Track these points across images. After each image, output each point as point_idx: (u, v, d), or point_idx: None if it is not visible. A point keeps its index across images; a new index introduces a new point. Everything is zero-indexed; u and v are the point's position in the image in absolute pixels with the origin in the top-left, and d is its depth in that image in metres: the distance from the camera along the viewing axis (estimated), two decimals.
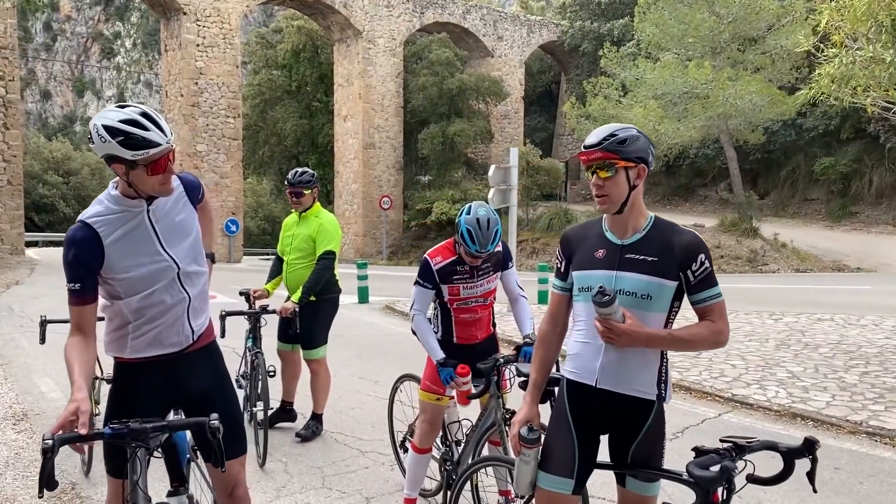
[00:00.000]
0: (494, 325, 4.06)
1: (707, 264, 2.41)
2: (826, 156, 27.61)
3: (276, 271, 5.58)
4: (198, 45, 27.36)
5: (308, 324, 5.30)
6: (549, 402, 2.76)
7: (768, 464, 2.29)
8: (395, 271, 24.03)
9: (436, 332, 3.90)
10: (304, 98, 37.49)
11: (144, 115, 2.42)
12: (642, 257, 2.44)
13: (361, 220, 32.00)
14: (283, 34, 38.08)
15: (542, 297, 12.53)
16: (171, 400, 2.76)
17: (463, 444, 3.90)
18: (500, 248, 3.85)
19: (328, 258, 5.24)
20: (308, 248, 5.31)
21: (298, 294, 5.17)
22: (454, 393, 3.91)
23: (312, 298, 5.23)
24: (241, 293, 5.66)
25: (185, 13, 26.82)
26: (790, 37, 21.13)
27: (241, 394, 5.69)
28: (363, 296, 13.41)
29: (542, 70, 43.38)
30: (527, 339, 3.70)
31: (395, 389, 4.68)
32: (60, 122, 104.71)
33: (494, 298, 3.98)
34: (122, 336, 2.64)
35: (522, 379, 2.94)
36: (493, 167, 10.94)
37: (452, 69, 31.17)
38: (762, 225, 23.73)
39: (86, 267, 2.48)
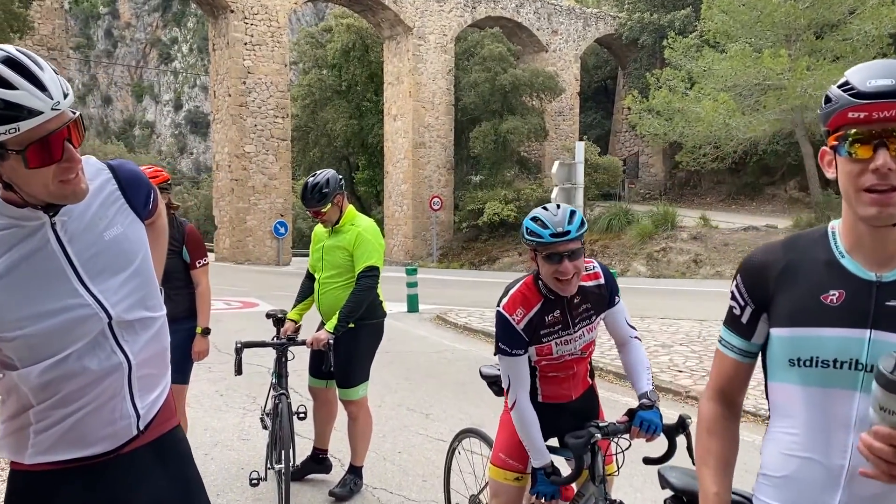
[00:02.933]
0: (593, 376, 2.95)
1: None
2: None
3: (305, 292, 4.55)
4: (245, 44, 26.87)
5: (345, 357, 4.25)
6: None
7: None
8: (445, 275, 23.02)
9: None
10: (353, 98, 36.87)
11: (8, 61, 1.40)
12: None
13: (411, 222, 31.09)
14: (333, 33, 37.55)
15: None
16: None
17: None
18: (599, 274, 2.77)
19: (370, 276, 4.19)
20: (344, 265, 4.26)
21: (334, 322, 4.13)
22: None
23: (351, 325, 4.19)
24: (268, 315, 4.67)
25: (232, 11, 26.35)
26: (876, 21, 19.35)
27: (265, 436, 4.73)
28: (413, 304, 12.40)
29: (597, 65, 41.84)
30: (644, 401, 2.62)
31: (453, 449, 3.62)
32: (120, 126, 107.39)
33: (594, 348, 2.88)
34: (19, 429, 1.63)
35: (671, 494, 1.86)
36: (556, 163, 9.81)
37: (505, 64, 30.00)
38: None
39: None
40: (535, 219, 2.58)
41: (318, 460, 4.66)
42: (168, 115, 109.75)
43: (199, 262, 4.14)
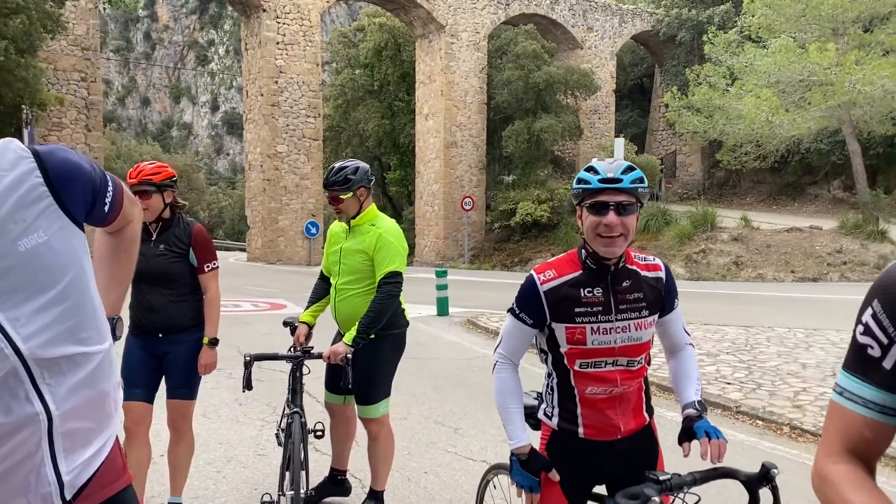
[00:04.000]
0: (651, 412, 2.49)
1: None
2: None
3: (319, 293, 4.16)
4: (278, 43, 26.78)
5: (364, 370, 3.86)
6: None
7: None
8: (476, 276, 22.60)
9: (548, 415, 2.41)
10: (385, 97, 36.65)
11: None
12: None
13: (442, 222, 30.73)
14: (366, 32, 37.36)
15: None
16: None
17: None
18: (660, 267, 2.38)
19: (393, 283, 3.79)
20: (363, 270, 3.86)
21: (353, 333, 3.74)
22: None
23: (371, 336, 3.81)
24: (285, 323, 4.30)
25: (264, 10, 26.28)
26: None
27: (280, 454, 4.37)
28: (442, 308, 12.02)
29: (633, 62, 41.02)
30: (691, 411, 2.26)
31: (485, 484, 3.21)
32: (158, 128, 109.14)
33: (649, 362, 2.44)
34: None
35: None
36: (594, 160, 9.34)
37: (539, 62, 29.45)
38: (890, 227, 20.96)
39: None
40: (588, 168, 2.23)
41: (337, 482, 4.29)
42: (205, 117, 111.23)
43: (208, 266, 3.76)
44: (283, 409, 4.24)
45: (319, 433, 4.23)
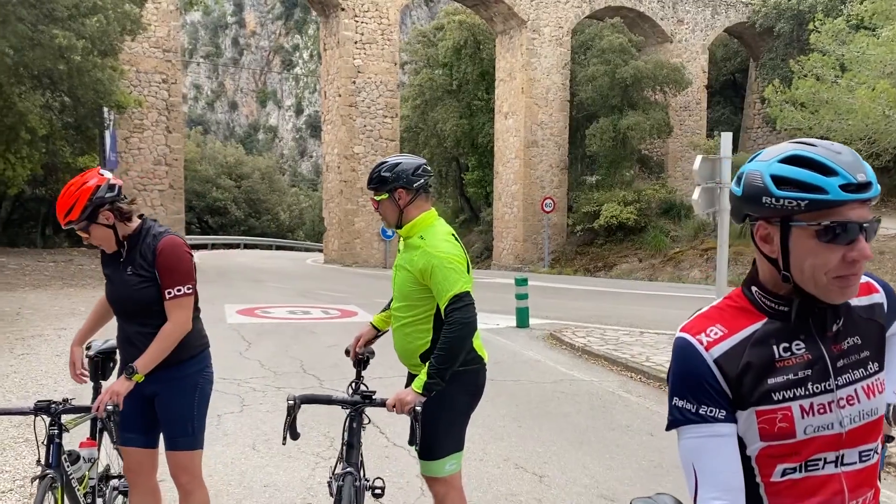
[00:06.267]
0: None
1: None
2: None
3: None
4: (356, 43, 26.45)
5: (428, 418, 2.98)
6: None
7: None
8: (558, 282, 21.49)
9: None
10: (464, 97, 35.95)
11: None
12: None
13: (521, 224, 29.68)
14: (445, 31, 36.77)
15: None
16: None
17: None
18: (875, 287, 1.51)
19: (463, 307, 2.93)
20: (411, 295, 3.07)
21: (423, 378, 2.91)
22: None
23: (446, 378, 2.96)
24: (347, 352, 3.49)
25: (342, 9, 25.98)
26: None
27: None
28: (522, 319, 11.07)
29: (726, 56, 38.86)
30: None
31: None
32: (245, 131, 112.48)
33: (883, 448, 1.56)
34: None
35: None
36: (699, 158, 8.19)
37: (626, 56, 28.03)
38: None
39: None
40: (798, 159, 1.34)
41: None
42: (290, 120, 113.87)
43: (170, 293, 2.90)
44: (335, 463, 3.44)
45: (378, 491, 3.40)
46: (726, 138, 8.50)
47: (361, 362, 3.47)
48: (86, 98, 15.96)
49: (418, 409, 2.83)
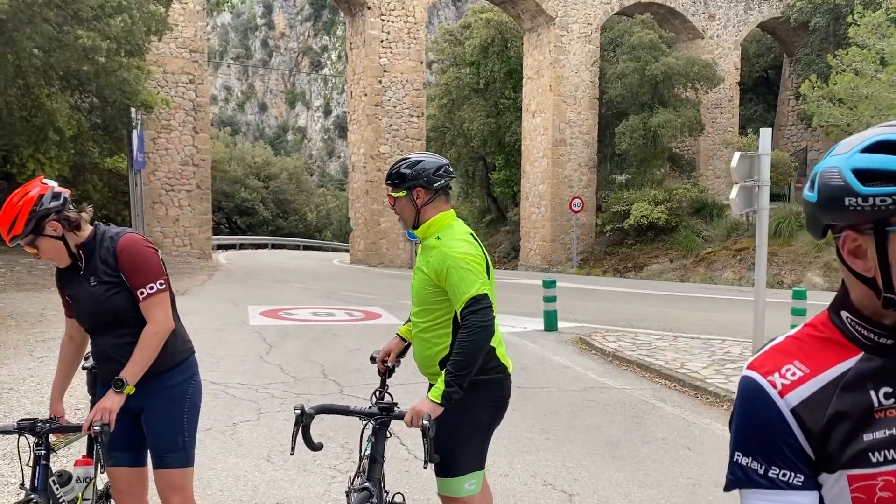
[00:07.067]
0: None
1: None
2: None
3: None
4: (381, 41, 26.27)
5: (444, 431, 2.75)
6: None
7: None
8: (586, 283, 21.08)
9: None
10: (491, 96, 35.60)
11: None
12: None
13: (549, 224, 29.26)
14: (472, 29, 36.48)
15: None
16: None
17: None
18: None
19: (479, 310, 2.70)
20: (428, 298, 2.87)
21: (440, 387, 2.67)
22: None
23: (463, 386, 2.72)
24: (372, 359, 3.29)
25: (368, 7, 25.82)
26: None
27: None
28: (550, 322, 10.74)
29: (759, 52, 37.99)
30: None
31: None
32: (275, 132, 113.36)
33: None
34: None
35: None
36: (737, 155, 7.79)
37: (657, 53, 27.44)
38: None
39: None
40: (888, 145, 1.05)
41: None
42: (318, 121, 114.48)
43: (143, 292, 2.68)
44: (353, 476, 3.18)
45: None
46: (765, 134, 8.09)
47: (387, 371, 3.27)
48: (112, 98, 15.97)
49: (426, 422, 2.58)
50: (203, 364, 8.56)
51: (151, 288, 2.68)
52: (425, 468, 2.71)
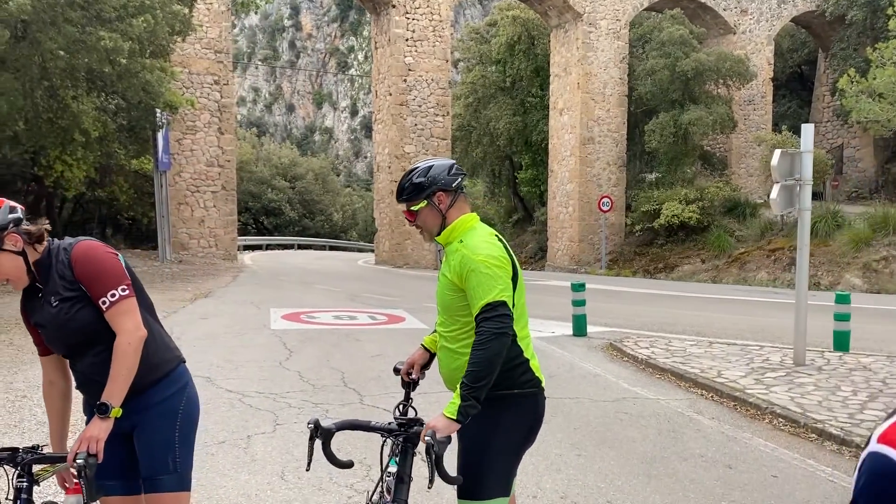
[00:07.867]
0: None
1: None
2: None
3: None
4: (407, 40, 26.04)
5: (469, 449, 2.56)
6: None
7: None
8: (615, 284, 20.64)
9: None
10: (518, 94, 35.18)
11: None
12: None
13: (577, 224, 28.79)
14: (498, 27, 36.08)
15: (840, 341, 8.63)
16: None
17: None
18: None
19: (495, 317, 2.46)
20: (453, 307, 2.64)
21: (455, 402, 2.43)
22: None
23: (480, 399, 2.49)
24: (396, 371, 3.03)
25: (393, 6, 25.60)
26: None
27: None
28: (580, 327, 10.38)
29: (792, 47, 37.08)
30: None
31: None
32: (302, 133, 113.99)
33: None
34: None
35: None
36: (777, 153, 7.38)
37: (687, 49, 26.84)
38: None
39: None
40: None
41: None
42: (345, 121, 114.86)
43: (105, 302, 2.44)
44: (371, 492, 2.90)
45: None
46: (807, 130, 7.67)
47: (411, 383, 3.01)
48: (136, 100, 15.93)
49: (429, 439, 2.36)
50: (221, 371, 8.32)
51: (114, 295, 2.43)
52: (429, 489, 2.46)
